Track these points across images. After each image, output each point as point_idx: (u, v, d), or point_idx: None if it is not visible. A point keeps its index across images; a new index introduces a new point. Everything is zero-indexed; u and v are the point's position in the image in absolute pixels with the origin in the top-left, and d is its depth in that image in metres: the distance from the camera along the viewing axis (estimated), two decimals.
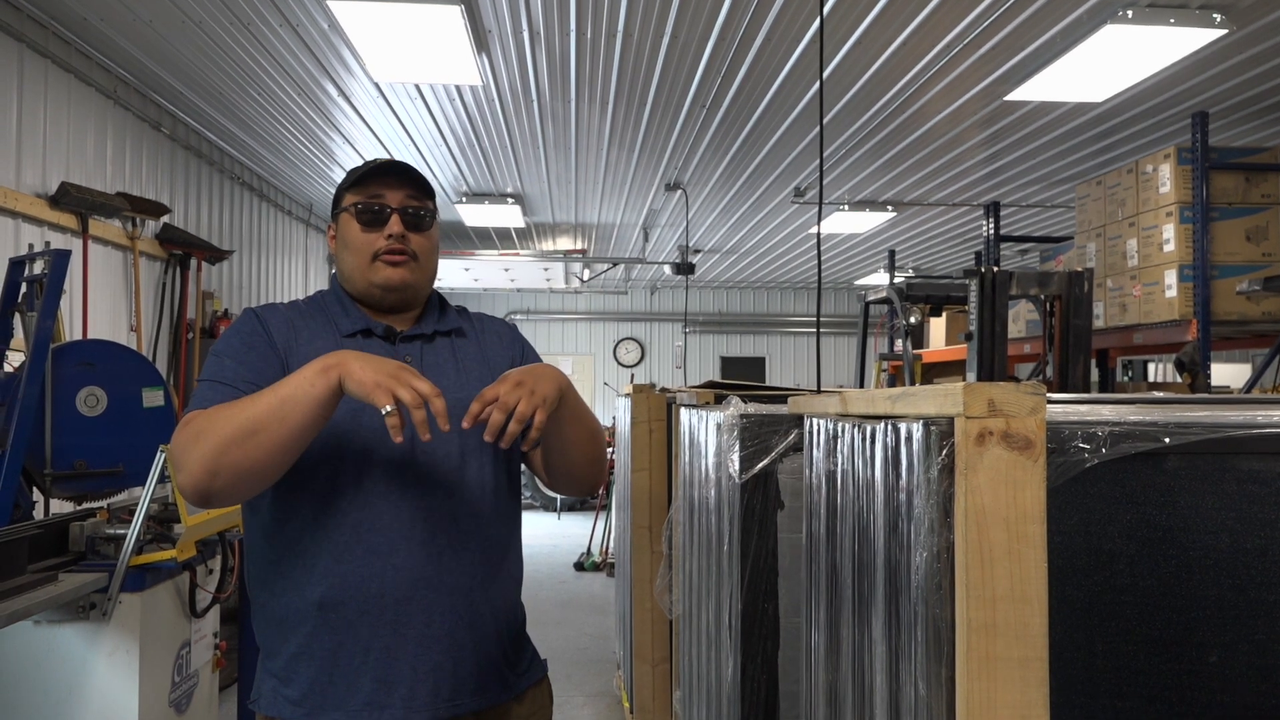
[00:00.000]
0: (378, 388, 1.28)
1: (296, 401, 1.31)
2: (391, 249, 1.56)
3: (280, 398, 1.32)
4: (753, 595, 1.70)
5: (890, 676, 1.04)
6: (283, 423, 1.31)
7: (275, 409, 1.31)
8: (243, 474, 1.33)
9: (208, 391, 1.45)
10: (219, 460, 1.31)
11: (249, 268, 7.44)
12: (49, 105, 4.65)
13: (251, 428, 1.31)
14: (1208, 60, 4.80)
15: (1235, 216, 4.67)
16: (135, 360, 3.68)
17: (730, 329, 14.58)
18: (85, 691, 2.75)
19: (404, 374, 1.30)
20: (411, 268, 1.58)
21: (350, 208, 1.59)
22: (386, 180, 1.58)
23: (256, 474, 1.34)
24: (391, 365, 1.32)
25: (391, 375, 1.29)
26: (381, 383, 1.29)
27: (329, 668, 1.46)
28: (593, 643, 5.74)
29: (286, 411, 1.31)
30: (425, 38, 4.37)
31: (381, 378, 1.29)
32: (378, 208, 1.57)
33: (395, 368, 1.31)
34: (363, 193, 1.58)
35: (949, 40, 4.63)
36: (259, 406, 1.32)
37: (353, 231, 1.58)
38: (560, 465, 1.61)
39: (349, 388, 1.31)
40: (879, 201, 8.15)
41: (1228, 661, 0.96)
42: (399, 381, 1.29)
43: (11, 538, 2.56)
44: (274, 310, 1.59)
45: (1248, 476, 0.97)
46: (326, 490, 1.47)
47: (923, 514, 0.92)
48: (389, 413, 1.27)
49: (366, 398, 1.29)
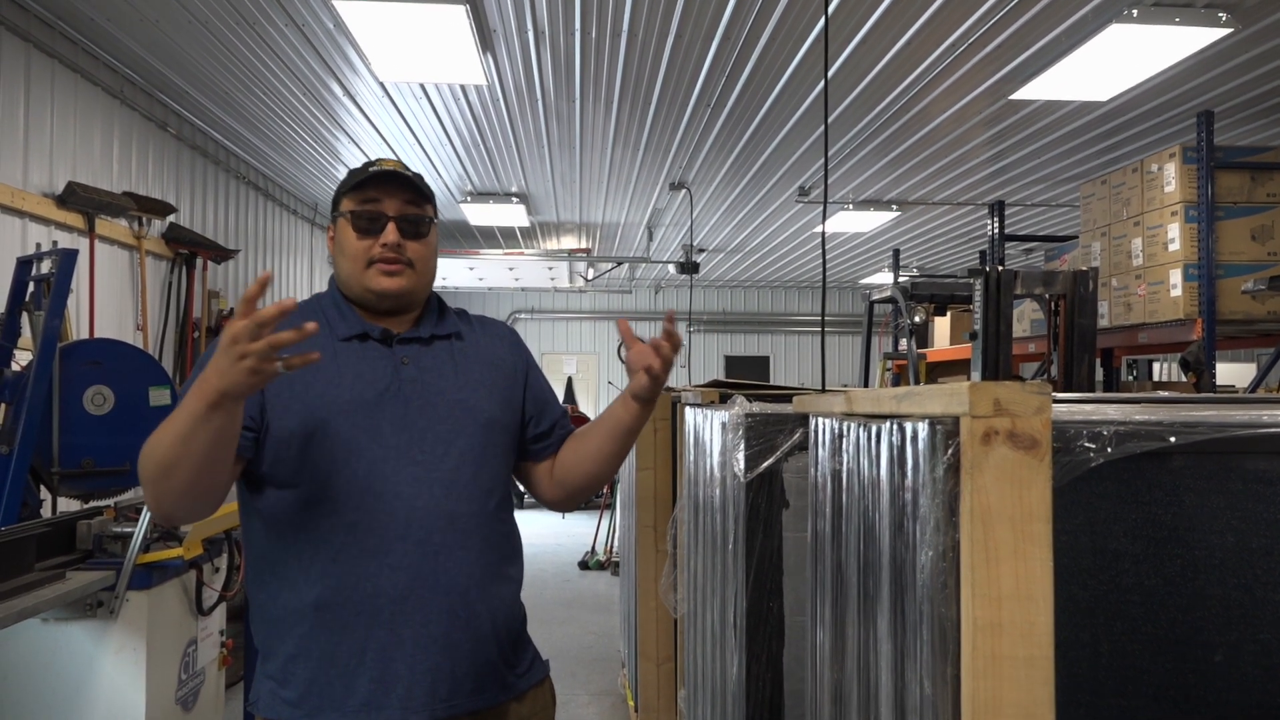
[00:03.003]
0: (251, 374, 1.22)
1: (194, 432, 1.28)
2: (386, 257, 1.54)
3: (177, 434, 1.29)
4: (758, 594, 1.71)
5: (895, 675, 1.04)
6: (190, 455, 1.29)
7: (179, 444, 1.29)
8: (180, 497, 1.35)
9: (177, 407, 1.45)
10: (156, 491, 1.34)
11: (255, 267, 7.45)
12: (56, 105, 4.67)
13: (168, 465, 1.31)
14: (1213, 59, 4.79)
15: (1240, 215, 4.66)
16: (142, 359, 3.69)
17: (735, 328, 14.58)
18: (92, 689, 2.76)
19: (239, 340, 1.20)
20: (407, 275, 1.57)
21: (347, 214, 1.56)
22: (384, 186, 1.56)
23: (192, 493, 1.35)
24: (226, 348, 1.22)
25: (238, 354, 1.20)
26: (244, 365, 1.21)
27: (325, 668, 1.46)
28: (597, 641, 5.74)
29: (189, 444, 1.29)
30: (430, 37, 4.38)
31: (238, 364, 1.21)
32: (374, 215, 1.55)
33: (227, 343, 1.21)
34: (359, 198, 1.56)
35: (954, 39, 4.62)
36: (165, 445, 1.30)
37: (349, 238, 1.56)
38: (582, 463, 1.67)
39: (230, 392, 1.25)
40: (883, 201, 8.14)
41: (1233, 661, 0.96)
42: (248, 347, 1.20)
43: (19, 536, 2.57)
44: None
45: (1253, 476, 0.97)
46: (322, 492, 1.47)
47: (928, 513, 0.92)
48: (287, 366, 1.23)
49: (253, 386, 1.24)
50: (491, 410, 1.61)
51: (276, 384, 1.44)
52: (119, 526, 2.92)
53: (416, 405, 1.53)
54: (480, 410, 1.59)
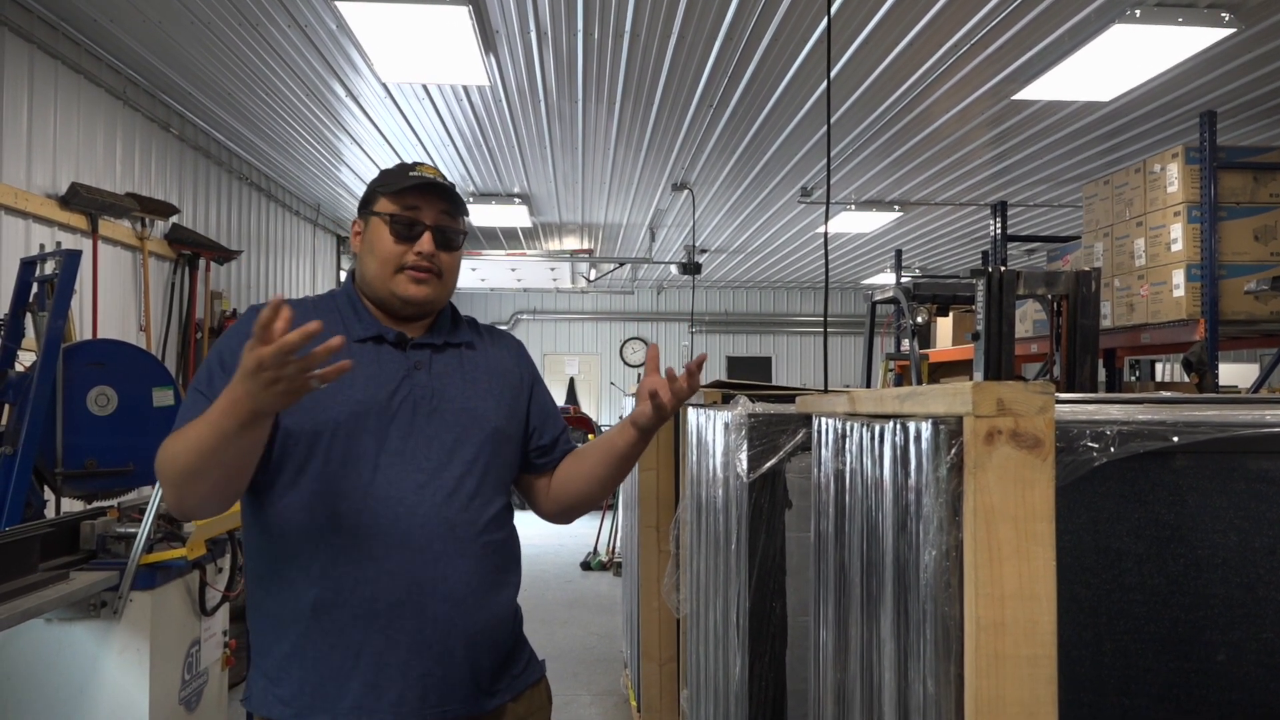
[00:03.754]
0: (286, 395, 1.23)
1: (225, 447, 1.30)
2: (419, 265, 1.56)
3: (207, 447, 1.30)
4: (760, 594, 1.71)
5: (899, 674, 1.04)
6: (221, 464, 1.33)
7: (209, 456, 1.31)
8: (207, 499, 1.39)
9: (192, 403, 1.46)
10: (180, 494, 1.38)
11: (257, 268, 7.46)
12: (59, 106, 4.68)
13: (195, 472, 1.34)
14: (1216, 59, 4.78)
15: (1243, 216, 4.66)
16: (145, 360, 3.70)
17: (737, 329, 14.57)
18: (96, 689, 2.76)
19: (267, 366, 1.20)
20: (434, 285, 1.58)
21: (385, 216, 1.57)
22: (426, 195, 1.57)
23: (220, 495, 1.40)
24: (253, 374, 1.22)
25: (269, 380, 1.21)
26: (278, 389, 1.22)
27: (319, 670, 1.47)
28: (600, 642, 5.74)
29: (220, 455, 1.32)
30: (433, 38, 4.39)
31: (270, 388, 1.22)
32: (412, 222, 1.56)
33: (252, 369, 1.21)
34: (399, 203, 1.57)
35: (956, 40, 4.62)
36: (191, 453, 1.32)
37: (383, 240, 1.57)
38: (575, 483, 1.68)
39: (265, 412, 1.27)
40: (886, 201, 8.14)
41: (1235, 660, 0.96)
42: (280, 372, 1.21)
43: (23, 536, 2.58)
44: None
45: (1256, 476, 0.97)
46: (324, 493, 1.47)
47: (931, 512, 0.93)
48: (321, 381, 1.23)
49: (289, 403, 1.26)
50: (498, 420, 1.62)
51: None
52: (122, 527, 2.93)
53: (425, 411, 1.54)
54: (487, 419, 1.60)
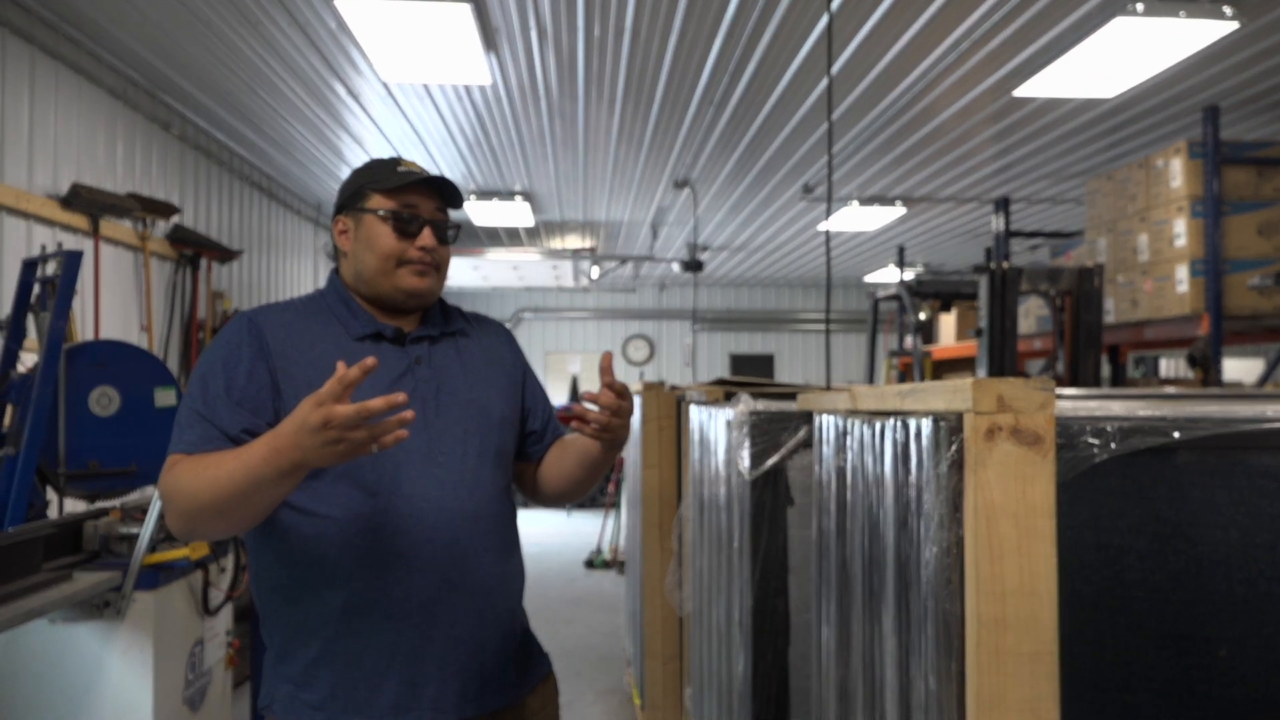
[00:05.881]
0: (344, 456, 1.24)
1: (259, 492, 1.30)
2: (422, 259, 1.57)
3: (237, 490, 1.30)
4: (763, 592, 1.70)
5: (901, 671, 1.04)
6: (250, 505, 1.33)
7: (238, 498, 1.30)
8: (220, 532, 1.41)
9: (189, 426, 1.43)
10: (191, 524, 1.37)
11: (259, 267, 7.47)
12: (59, 107, 4.68)
13: (220, 507, 1.32)
14: (1219, 54, 4.77)
15: (1247, 211, 4.65)
16: (147, 360, 3.70)
17: (739, 326, 14.56)
18: (100, 689, 2.77)
19: (335, 425, 1.21)
20: (434, 276, 1.61)
21: (384, 213, 1.57)
22: (423, 190, 1.59)
23: (236, 529, 1.41)
24: (317, 430, 1.22)
25: (333, 439, 1.22)
26: (339, 449, 1.23)
27: (351, 672, 1.46)
28: (603, 640, 5.74)
29: (251, 498, 1.31)
30: (434, 37, 4.38)
31: (332, 446, 1.23)
32: (412, 218, 1.57)
33: (318, 425, 1.22)
34: (397, 200, 1.57)
35: (958, 35, 4.61)
36: (217, 493, 1.31)
37: (383, 236, 1.56)
38: (557, 481, 1.71)
39: (311, 466, 1.27)
40: (888, 198, 8.13)
41: (1238, 656, 0.95)
42: (349, 435, 1.23)
43: (26, 537, 2.58)
44: (269, 313, 1.56)
45: (1258, 471, 0.97)
46: (345, 496, 1.47)
47: (932, 509, 0.92)
48: (381, 447, 1.25)
49: (339, 463, 1.27)
50: (502, 409, 1.64)
51: (295, 390, 1.45)
52: (125, 527, 2.93)
53: (433, 405, 1.54)
54: (493, 409, 1.62)
